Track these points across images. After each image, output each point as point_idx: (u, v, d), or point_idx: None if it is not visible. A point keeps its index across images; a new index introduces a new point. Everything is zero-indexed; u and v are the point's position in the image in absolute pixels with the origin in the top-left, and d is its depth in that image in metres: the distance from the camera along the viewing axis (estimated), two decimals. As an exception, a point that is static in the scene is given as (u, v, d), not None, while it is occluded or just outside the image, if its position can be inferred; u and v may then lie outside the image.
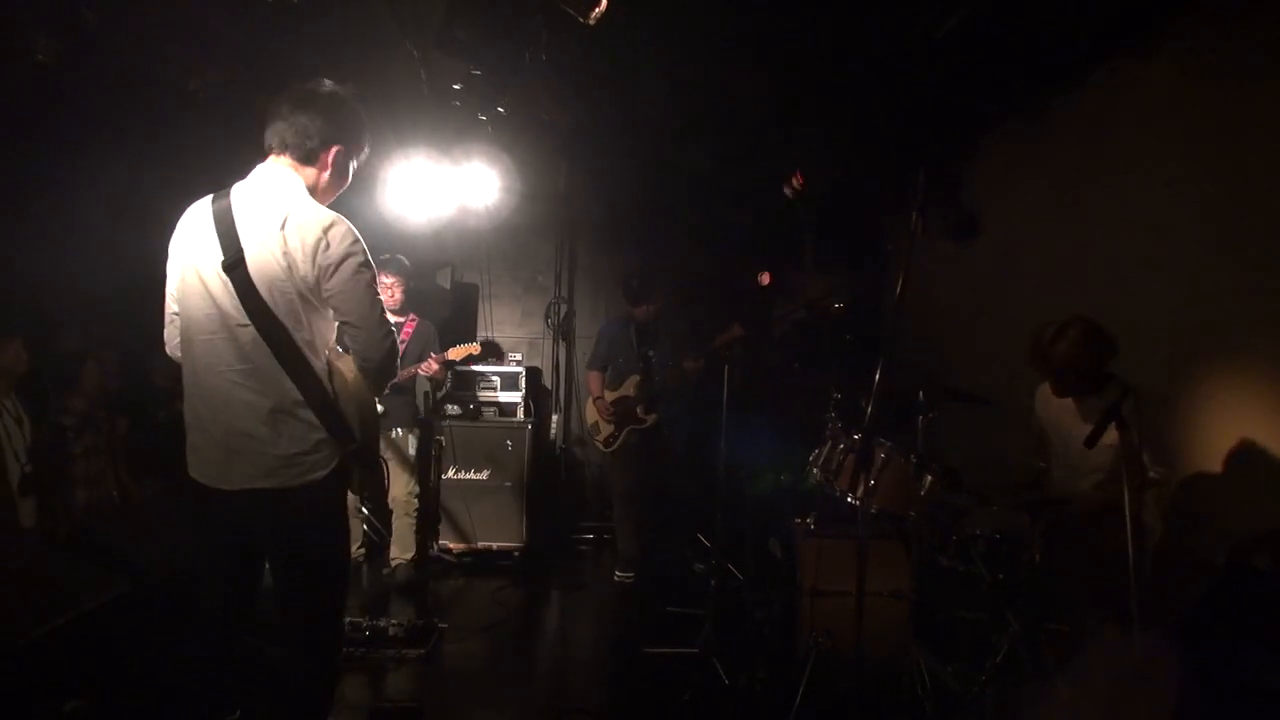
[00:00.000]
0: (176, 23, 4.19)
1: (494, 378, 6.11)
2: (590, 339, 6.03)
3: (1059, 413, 3.49)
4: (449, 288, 6.79)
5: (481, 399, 6.04)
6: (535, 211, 6.86)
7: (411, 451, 5.35)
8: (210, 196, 2.29)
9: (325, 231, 2.22)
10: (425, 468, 5.65)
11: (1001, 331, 4.63)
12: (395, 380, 5.09)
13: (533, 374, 6.75)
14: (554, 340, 7.10)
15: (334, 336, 2.35)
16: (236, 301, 2.18)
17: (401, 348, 5.24)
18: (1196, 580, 3.12)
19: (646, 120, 5.53)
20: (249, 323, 2.18)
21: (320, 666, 2.42)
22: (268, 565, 2.40)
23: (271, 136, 2.35)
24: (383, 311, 2.33)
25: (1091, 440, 2.74)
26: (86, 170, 5.03)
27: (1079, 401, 3.40)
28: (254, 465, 2.20)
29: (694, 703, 3.49)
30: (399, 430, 5.27)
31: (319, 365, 2.27)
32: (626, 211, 6.78)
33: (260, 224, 2.20)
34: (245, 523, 2.26)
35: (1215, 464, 3.33)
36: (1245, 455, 3.21)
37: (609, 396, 5.39)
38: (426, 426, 5.71)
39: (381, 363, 2.33)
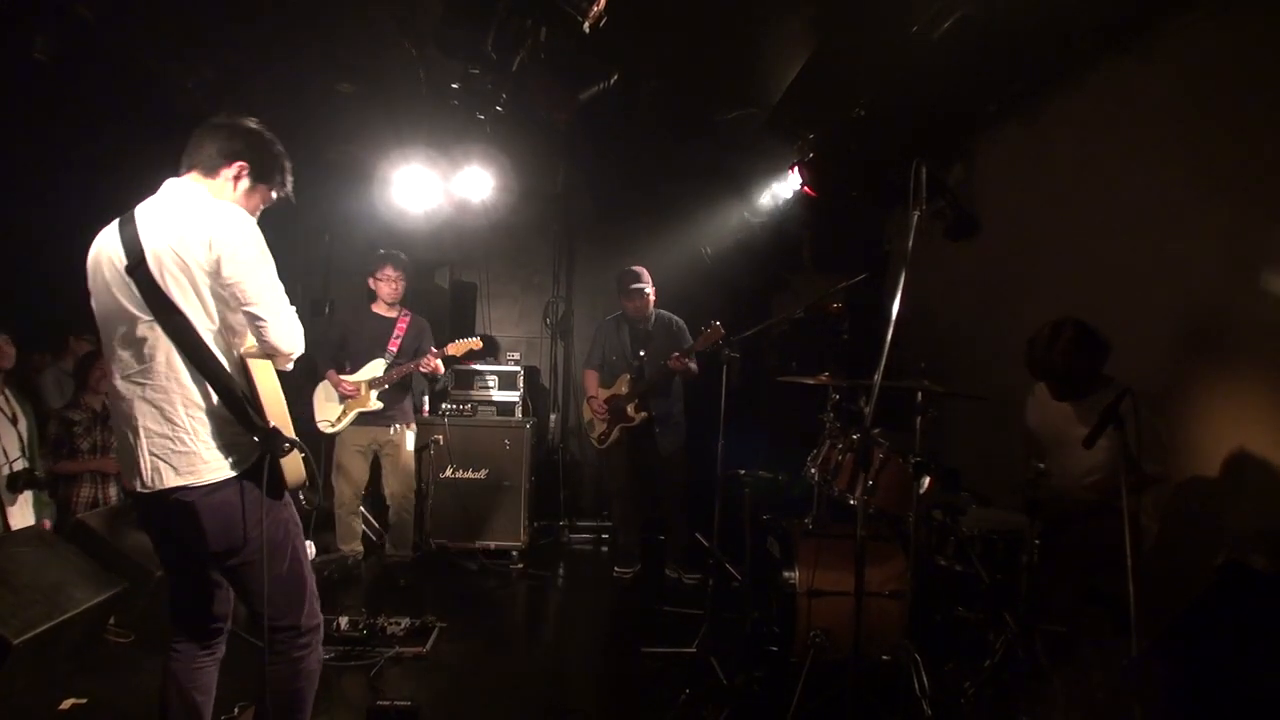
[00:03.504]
0: (176, 22, 4.19)
1: (492, 377, 6.10)
2: (588, 338, 6.04)
3: (1055, 414, 3.49)
4: (447, 287, 6.79)
5: (479, 398, 6.03)
6: (533, 210, 6.88)
7: (410, 448, 5.35)
8: (118, 219, 2.34)
9: (220, 223, 2.24)
10: (423, 465, 5.65)
11: (1000, 331, 4.64)
12: (394, 377, 5.13)
13: (531, 373, 6.75)
14: (552, 339, 7.10)
15: (247, 330, 2.36)
16: (140, 301, 2.21)
17: (396, 343, 5.24)
18: (1194, 581, 3.13)
19: (644, 120, 5.53)
20: (151, 318, 2.21)
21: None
22: (208, 559, 2.40)
23: (184, 158, 2.41)
24: (284, 298, 2.36)
25: (1090, 441, 2.75)
26: (86, 170, 5.03)
27: (1075, 403, 3.40)
28: (170, 464, 2.22)
29: (692, 702, 3.48)
30: (397, 427, 5.27)
31: (228, 359, 2.30)
32: (624, 210, 6.78)
33: (160, 225, 2.23)
34: (175, 523, 2.28)
35: (1213, 464, 3.33)
36: (1242, 456, 3.21)
37: (602, 395, 5.39)
38: (425, 424, 5.70)
39: (286, 349, 2.37)
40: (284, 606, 2.39)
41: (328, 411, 5.19)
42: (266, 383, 2.37)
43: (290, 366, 2.47)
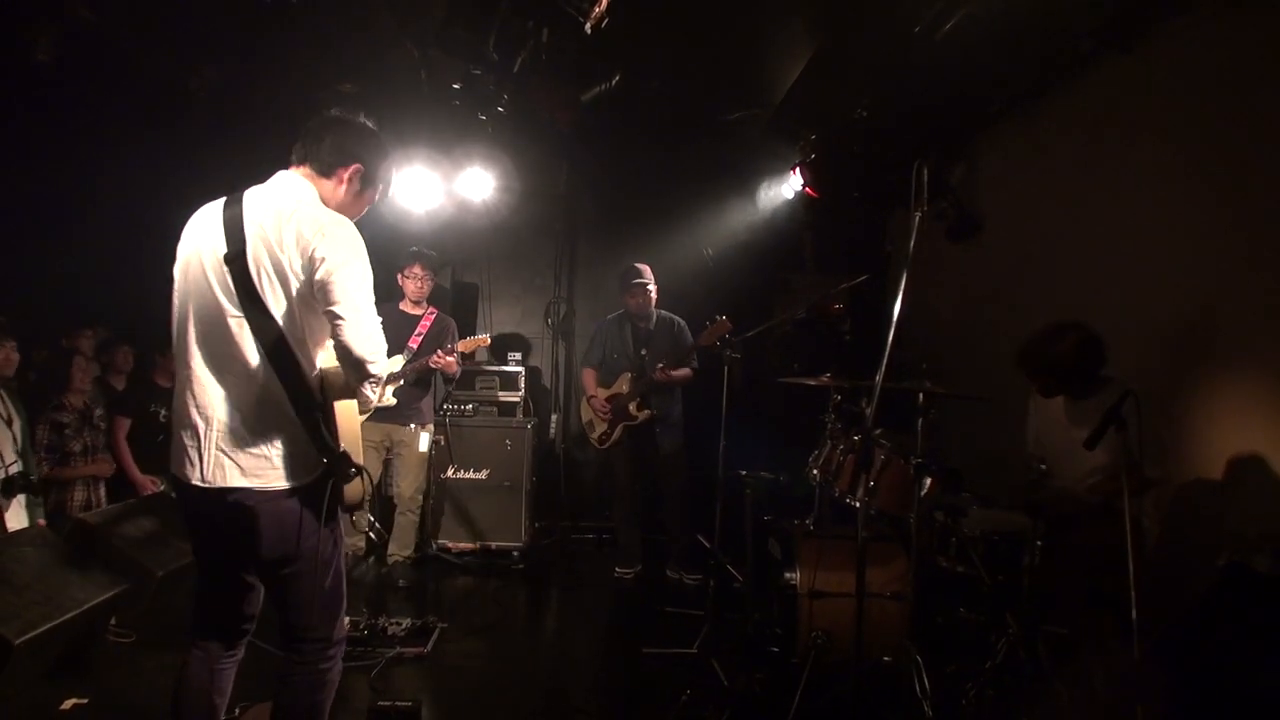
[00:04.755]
0: (176, 22, 4.19)
1: (494, 377, 6.10)
2: (589, 338, 6.03)
3: (1056, 416, 3.49)
4: (449, 288, 6.79)
5: (481, 398, 6.03)
6: (535, 211, 6.87)
7: (423, 449, 5.33)
8: (223, 199, 2.30)
9: (323, 228, 2.20)
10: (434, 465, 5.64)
11: (1002, 331, 4.63)
12: (407, 373, 5.11)
13: (532, 373, 6.75)
14: (553, 340, 7.10)
15: (325, 338, 2.32)
16: (233, 293, 2.18)
17: (417, 340, 5.21)
18: (1196, 582, 3.12)
19: (646, 121, 5.53)
20: (241, 313, 2.18)
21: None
22: (252, 562, 2.38)
23: (297, 149, 2.37)
24: (372, 307, 2.28)
25: (1091, 442, 2.75)
26: (86, 170, 5.04)
27: (1074, 404, 3.40)
28: (236, 463, 2.20)
29: (693, 703, 3.48)
30: (413, 425, 5.25)
31: (308, 365, 2.27)
32: (626, 211, 6.78)
33: (265, 220, 2.20)
34: (228, 522, 2.24)
35: (1215, 465, 3.32)
36: (1244, 457, 3.21)
37: (602, 394, 5.39)
38: (439, 423, 5.69)
39: (360, 352, 2.24)
40: (322, 620, 2.39)
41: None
42: (344, 404, 2.36)
43: (370, 389, 2.35)
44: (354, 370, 2.27)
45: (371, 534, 5.75)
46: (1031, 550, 3.04)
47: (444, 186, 6.02)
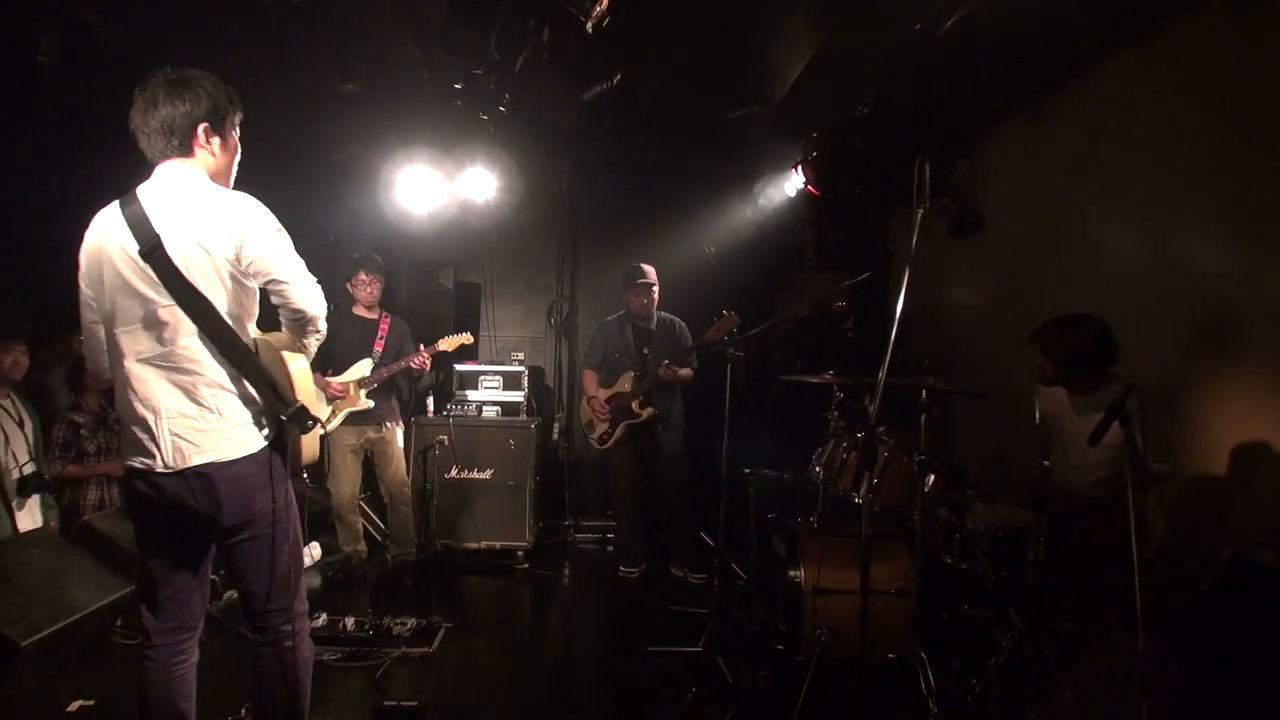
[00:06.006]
0: (179, 24, 4.19)
1: (497, 377, 6.11)
2: (592, 338, 6.03)
3: (1060, 411, 3.49)
4: (451, 287, 6.80)
5: (484, 398, 6.04)
6: (537, 210, 6.88)
7: (400, 444, 5.42)
8: (116, 201, 2.33)
9: (237, 208, 2.30)
10: (428, 465, 5.65)
11: (1004, 328, 4.62)
12: (383, 375, 5.14)
13: (535, 373, 6.75)
14: (556, 339, 7.10)
15: (255, 311, 2.40)
16: (158, 285, 2.22)
17: (381, 344, 5.28)
18: (1201, 577, 3.12)
19: (648, 119, 5.53)
20: (172, 302, 2.22)
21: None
22: (212, 538, 2.41)
23: (147, 147, 2.36)
24: (304, 267, 2.40)
25: (1095, 438, 2.74)
26: (87, 170, 5.04)
27: (1078, 399, 3.40)
28: (192, 443, 2.26)
29: (698, 702, 3.48)
30: (388, 424, 5.33)
31: (246, 338, 2.35)
32: (628, 209, 6.78)
33: (173, 212, 2.25)
34: (189, 499, 2.29)
35: (1219, 461, 3.32)
36: (1249, 452, 3.21)
37: (603, 395, 5.39)
38: (429, 424, 5.71)
39: (312, 311, 2.42)
40: (281, 587, 2.42)
41: (317, 412, 5.19)
42: (295, 363, 2.48)
43: (316, 341, 2.53)
44: (306, 327, 2.46)
45: (375, 533, 5.77)
46: (1036, 546, 3.04)
47: (446, 186, 6.03)
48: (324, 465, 5.36)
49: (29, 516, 4.27)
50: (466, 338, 5.34)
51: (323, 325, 2.51)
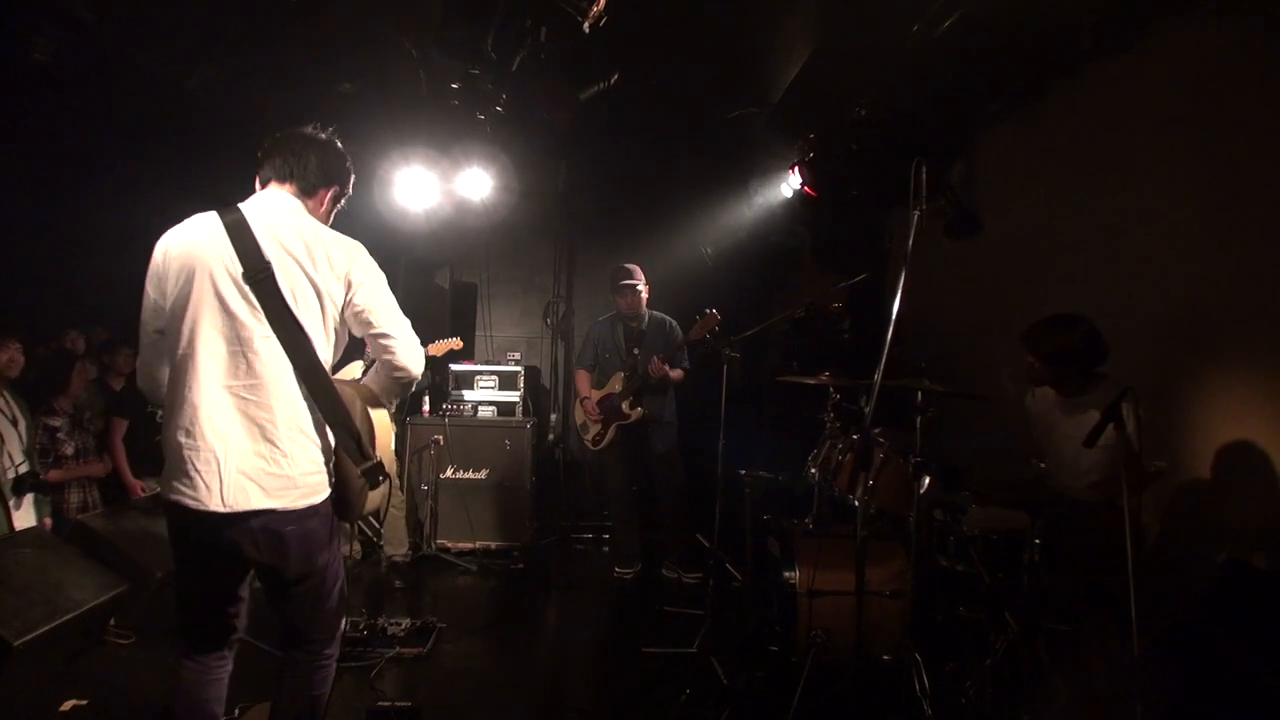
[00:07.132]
0: (176, 22, 4.18)
1: (493, 377, 6.10)
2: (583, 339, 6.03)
3: (1052, 412, 3.49)
4: (447, 287, 6.80)
5: (480, 398, 6.03)
6: (533, 210, 6.87)
7: (393, 445, 5.38)
8: (214, 212, 2.26)
9: (353, 253, 2.29)
10: (423, 465, 5.65)
11: (1000, 329, 4.63)
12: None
13: (531, 373, 6.75)
14: (552, 339, 7.10)
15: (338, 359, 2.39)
16: (259, 312, 2.15)
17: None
18: (1195, 579, 3.12)
19: (645, 119, 5.53)
20: (271, 333, 2.15)
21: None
22: (266, 579, 2.36)
23: (277, 167, 2.37)
24: (405, 319, 2.39)
25: (1091, 440, 2.75)
26: (86, 170, 5.03)
27: (1068, 401, 3.40)
28: (260, 485, 2.15)
29: (692, 702, 3.48)
30: None
31: (333, 385, 2.27)
32: (625, 210, 6.78)
33: (287, 239, 2.20)
34: (249, 545, 2.19)
35: (1214, 463, 3.32)
36: (1243, 453, 3.21)
37: (595, 396, 5.39)
38: (424, 424, 5.70)
39: (416, 371, 2.41)
40: (326, 626, 2.43)
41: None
42: (377, 416, 2.44)
43: (404, 395, 2.55)
44: (402, 383, 2.42)
45: (370, 534, 5.76)
46: (1030, 548, 3.04)
47: (442, 186, 6.01)
48: None
49: (25, 515, 4.25)
50: (456, 343, 5.31)
51: (410, 386, 2.47)
